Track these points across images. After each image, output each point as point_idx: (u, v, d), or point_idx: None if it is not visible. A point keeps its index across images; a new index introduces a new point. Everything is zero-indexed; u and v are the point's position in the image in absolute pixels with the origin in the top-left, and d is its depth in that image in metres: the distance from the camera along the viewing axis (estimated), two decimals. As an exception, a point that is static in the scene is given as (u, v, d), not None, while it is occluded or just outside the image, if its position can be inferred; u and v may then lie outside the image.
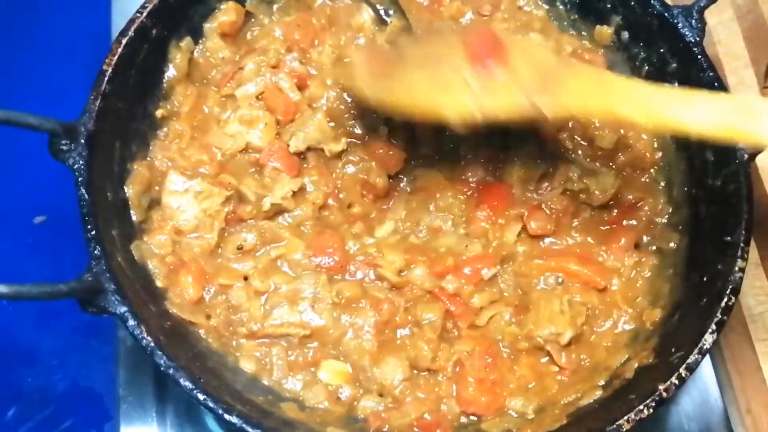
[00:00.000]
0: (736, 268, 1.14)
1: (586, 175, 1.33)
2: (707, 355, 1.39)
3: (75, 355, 1.49)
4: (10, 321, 1.51)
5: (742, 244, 1.16)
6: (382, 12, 1.42)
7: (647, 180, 1.38)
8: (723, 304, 1.12)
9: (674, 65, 1.34)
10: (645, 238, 1.34)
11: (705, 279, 1.20)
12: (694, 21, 1.31)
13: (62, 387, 1.46)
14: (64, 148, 1.11)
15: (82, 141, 1.12)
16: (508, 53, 1.18)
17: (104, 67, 1.17)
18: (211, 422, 1.36)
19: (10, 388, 1.46)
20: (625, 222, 1.36)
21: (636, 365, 1.18)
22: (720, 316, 1.11)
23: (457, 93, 1.17)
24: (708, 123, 1.03)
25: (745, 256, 1.15)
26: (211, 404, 1.03)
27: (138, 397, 1.37)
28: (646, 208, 1.36)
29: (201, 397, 1.03)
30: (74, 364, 1.48)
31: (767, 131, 0.99)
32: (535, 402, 1.22)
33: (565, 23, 1.48)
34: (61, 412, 1.45)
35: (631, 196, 1.36)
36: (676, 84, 1.34)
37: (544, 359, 1.26)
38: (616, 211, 1.36)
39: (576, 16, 1.47)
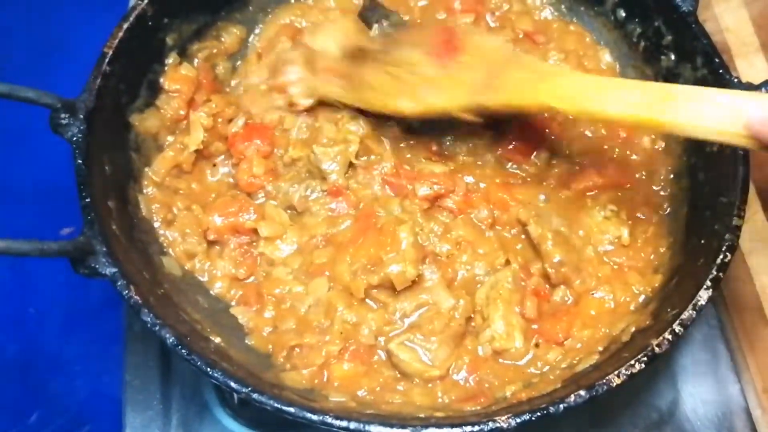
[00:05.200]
0: (733, 226, 1.12)
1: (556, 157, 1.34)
2: (724, 337, 1.38)
3: (95, 362, 1.52)
4: (35, 329, 1.55)
5: (738, 203, 1.13)
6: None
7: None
8: (719, 261, 1.09)
9: (669, 37, 1.34)
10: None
11: (703, 242, 1.17)
12: (686, -9, 1.31)
13: (83, 393, 1.49)
14: (64, 122, 1.15)
15: (81, 116, 1.15)
16: (462, 49, 1.26)
17: (105, 49, 1.22)
18: (221, 415, 1.36)
19: (34, 394, 1.49)
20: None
21: (633, 329, 1.15)
22: (715, 273, 1.08)
23: (415, 91, 1.25)
24: (626, 111, 1.04)
25: (742, 214, 1.13)
26: (195, 360, 1.03)
27: (145, 391, 1.37)
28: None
29: (184, 352, 1.03)
30: (94, 370, 1.51)
31: (684, 117, 0.98)
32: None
33: (563, 7, 1.49)
34: (80, 417, 1.47)
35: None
36: (673, 56, 1.34)
37: None
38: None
39: (571, -3, 1.48)
